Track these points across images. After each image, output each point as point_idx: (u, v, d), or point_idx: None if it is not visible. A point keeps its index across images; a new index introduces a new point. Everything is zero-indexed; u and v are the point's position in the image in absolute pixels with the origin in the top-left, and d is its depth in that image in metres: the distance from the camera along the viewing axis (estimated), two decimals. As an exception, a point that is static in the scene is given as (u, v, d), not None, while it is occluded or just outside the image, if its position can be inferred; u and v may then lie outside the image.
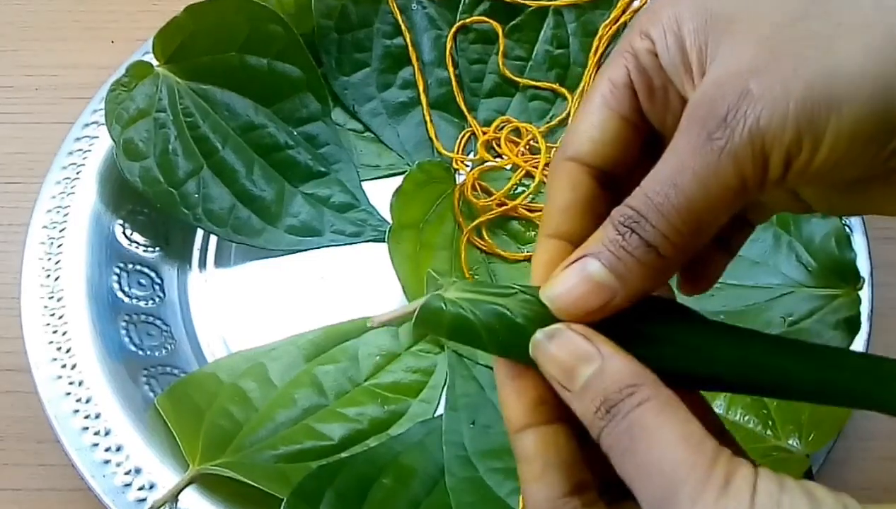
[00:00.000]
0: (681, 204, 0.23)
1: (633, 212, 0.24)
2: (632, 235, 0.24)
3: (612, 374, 0.23)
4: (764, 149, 0.22)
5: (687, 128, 0.23)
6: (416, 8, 0.56)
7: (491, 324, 0.25)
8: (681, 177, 0.23)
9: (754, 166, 0.22)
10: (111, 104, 0.50)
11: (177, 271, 0.52)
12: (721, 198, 0.23)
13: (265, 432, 0.45)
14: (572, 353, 0.23)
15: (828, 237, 0.44)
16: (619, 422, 0.22)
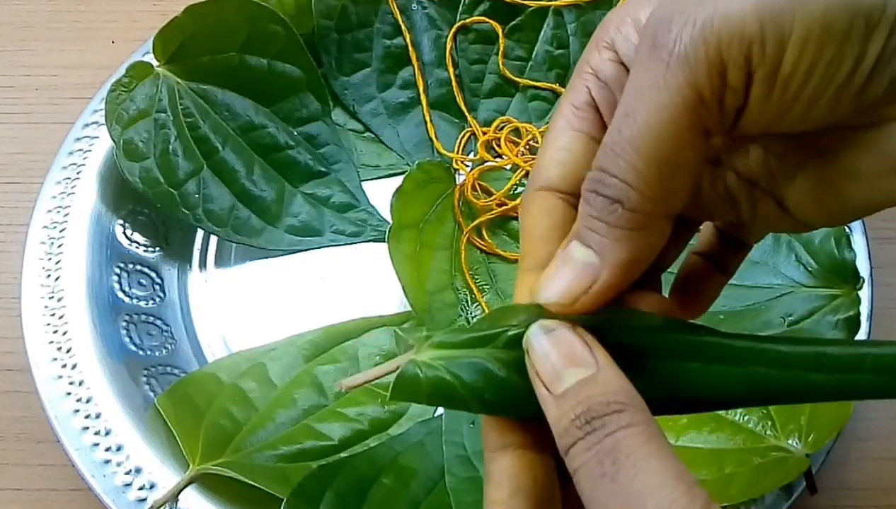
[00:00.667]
0: (635, 135, 0.21)
1: (595, 171, 0.22)
2: (596, 197, 0.22)
3: (602, 385, 0.21)
4: (720, 49, 0.20)
5: (637, 53, 0.21)
6: (416, 8, 0.56)
7: (474, 384, 0.22)
8: (631, 101, 0.21)
9: (709, 71, 0.20)
10: (111, 104, 0.50)
11: (177, 271, 0.52)
12: (678, 120, 0.20)
13: (265, 432, 0.45)
14: (566, 353, 0.22)
15: (828, 237, 0.44)
16: (602, 440, 0.20)
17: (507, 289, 0.49)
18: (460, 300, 0.49)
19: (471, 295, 0.49)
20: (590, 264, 0.22)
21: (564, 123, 0.25)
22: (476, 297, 0.49)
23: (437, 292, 0.48)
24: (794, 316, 0.43)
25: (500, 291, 0.49)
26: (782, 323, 0.43)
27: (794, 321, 0.43)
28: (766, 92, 0.20)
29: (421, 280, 0.48)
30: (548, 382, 0.22)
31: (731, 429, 0.42)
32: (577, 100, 0.25)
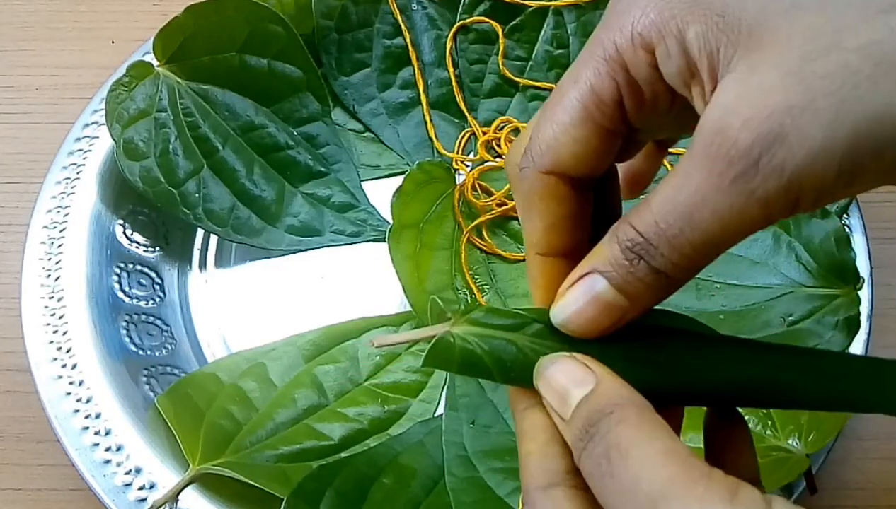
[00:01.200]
0: (696, 239, 0.22)
1: (643, 239, 0.23)
2: (640, 262, 0.23)
3: (599, 395, 0.22)
4: (800, 193, 0.21)
5: (706, 160, 0.21)
6: (416, 8, 0.56)
7: (502, 361, 0.25)
8: (699, 213, 0.22)
9: (785, 207, 0.21)
10: (111, 104, 0.50)
11: (177, 271, 0.52)
12: (741, 234, 0.22)
13: (265, 432, 0.45)
14: (569, 378, 0.23)
15: (827, 237, 0.44)
16: (597, 444, 0.21)
17: (507, 289, 0.49)
18: (460, 300, 0.49)
19: (471, 295, 0.49)
20: (617, 306, 0.24)
21: (585, 114, 0.25)
22: (476, 297, 0.49)
23: (437, 292, 0.48)
24: (794, 316, 0.43)
25: (500, 291, 0.49)
26: (782, 323, 0.43)
27: (794, 321, 0.43)
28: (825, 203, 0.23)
29: (421, 280, 0.48)
30: (559, 410, 0.23)
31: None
32: (602, 89, 0.24)
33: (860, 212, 0.47)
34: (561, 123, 0.25)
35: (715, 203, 0.21)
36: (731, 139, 0.21)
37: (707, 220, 0.22)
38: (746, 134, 0.21)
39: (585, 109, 0.24)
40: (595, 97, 0.24)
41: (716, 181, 0.21)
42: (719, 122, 0.21)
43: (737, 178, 0.21)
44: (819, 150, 0.20)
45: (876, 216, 0.51)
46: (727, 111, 0.21)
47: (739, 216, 0.21)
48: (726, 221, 0.21)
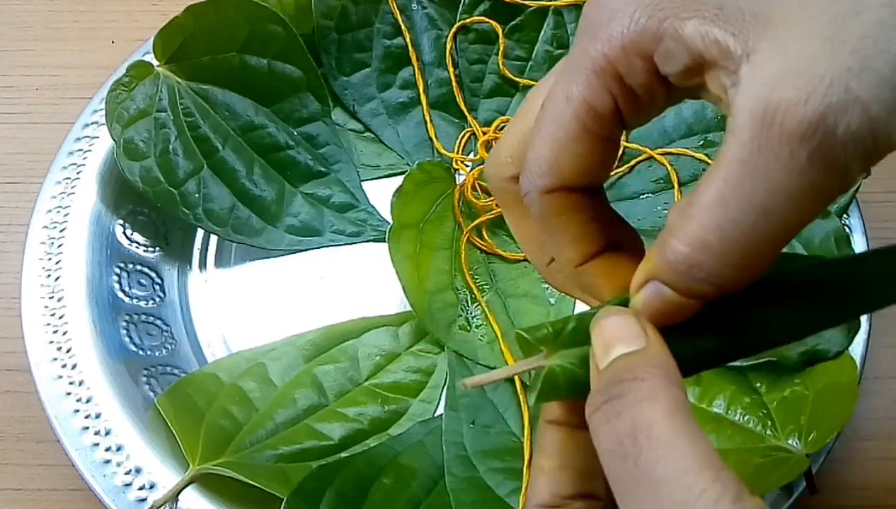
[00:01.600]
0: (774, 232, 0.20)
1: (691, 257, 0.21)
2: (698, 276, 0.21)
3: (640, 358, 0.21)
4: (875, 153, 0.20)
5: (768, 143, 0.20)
6: (416, 8, 0.56)
7: None
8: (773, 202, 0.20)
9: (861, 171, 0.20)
10: (111, 104, 0.50)
11: (177, 271, 0.52)
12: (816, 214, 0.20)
13: (265, 432, 0.45)
14: (620, 331, 0.22)
15: (827, 237, 0.44)
16: (621, 414, 0.20)
17: (507, 289, 0.49)
18: (460, 300, 0.49)
19: (471, 295, 0.49)
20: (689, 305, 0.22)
21: (580, 126, 0.23)
22: (476, 297, 0.49)
23: (437, 292, 0.48)
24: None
25: (500, 291, 0.49)
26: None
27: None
28: None
29: (421, 280, 0.48)
30: (598, 359, 0.22)
31: (731, 430, 0.42)
32: (597, 102, 0.23)
33: (860, 212, 0.47)
34: (558, 141, 0.24)
35: (791, 186, 0.20)
36: (797, 114, 0.19)
37: (783, 209, 0.20)
38: (815, 104, 0.19)
39: (583, 125, 0.23)
40: (591, 111, 0.23)
41: (788, 162, 0.19)
42: (769, 99, 0.20)
43: (814, 152, 0.19)
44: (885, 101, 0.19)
45: (876, 216, 0.51)
46: (775, 87, 0.19)
47: (819, 193, 0.20)
48: (805, 202, 0.20)
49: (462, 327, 0.48)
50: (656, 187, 0.51)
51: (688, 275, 0.21)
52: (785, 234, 0.20)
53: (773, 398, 0.42)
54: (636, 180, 0.51)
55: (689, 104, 0.51)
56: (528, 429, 0.44)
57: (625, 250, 0.25)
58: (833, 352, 0.42)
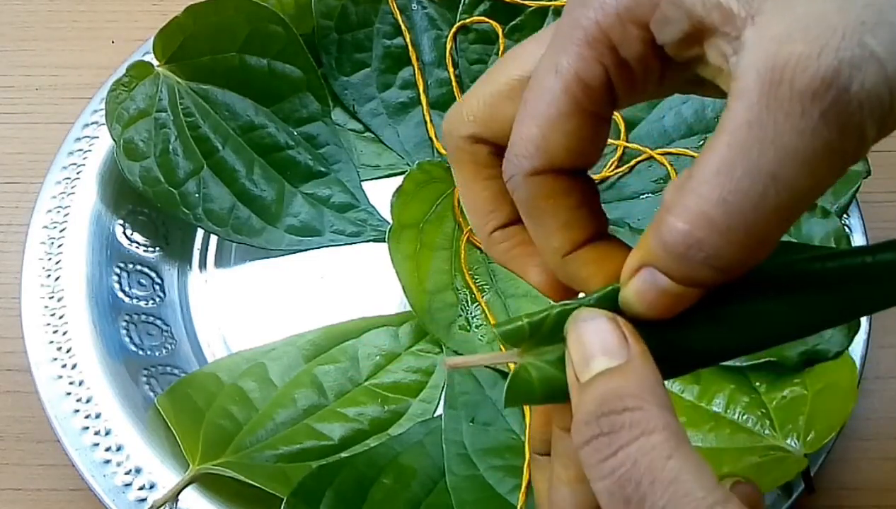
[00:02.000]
0: (784, 201, 0.19)
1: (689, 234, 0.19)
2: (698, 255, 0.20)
3: (624, 378, 0.20)
4: (892, 112, 0.18)
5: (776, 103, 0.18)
6: (416, 8, 0.56)
7: None
8: (784, 168, 0.18)
9: (879, 132, 0.19)
10: (111, 104, 0.50)
11: (177, 271, 0.52)
12: (832, 180, 0.19)
13: (265, 432, 0.45)
14: (600, 339, 0.21)
15: (827, 237, 0.44)
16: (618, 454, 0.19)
17: (507, 288, 0.49)
18: (460, 300, 0.49)
19: (471, 295, 0.49)
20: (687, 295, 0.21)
21: (571, 101, 0.22)
22: (476, 297, 0.49)
23: (437, 292, 0.48)
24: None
25: (500, 291, 0.49)
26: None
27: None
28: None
29: (421, 280, 0.48)
30: (577, 368, 0.21)
31: (729, 428, 0.42)
32: (589, 76, 0.22)
33: (860, 212, 0.47)
34: (547, 119, 0.22)
35: (803, 148, 0.18)
36: (808, 69, 0.18)
37: (795, 175, 0.18)
38: (828, 59, 0.18)
39: (573, 100, 0.22)
40: (582, 84, 0.22)
41: (799, 122, 0.18)
42: (777, 55, 0.18)
43: (828, 111, 0.18)
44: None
45: (876, 216, 0.51)
46: (784, 43, 0.18)
47: (833, 157, 0.18)
48: (818, 167, 0.18)
49: (462, 327, 0.48)
50: (656, 187, 0.51)
51: (686, 257, 0.19)
52: (796, 207, 0.19)
53: (773, 397, 0.42)
54: (636, 180, 0.51)
55: (689, 104, 0.51)
56: (529, 429, 0.44)
57: (615, 240, 0.24)
58: (833, 352, 0.42)
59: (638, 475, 0.19)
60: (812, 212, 0.45)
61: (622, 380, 0.20)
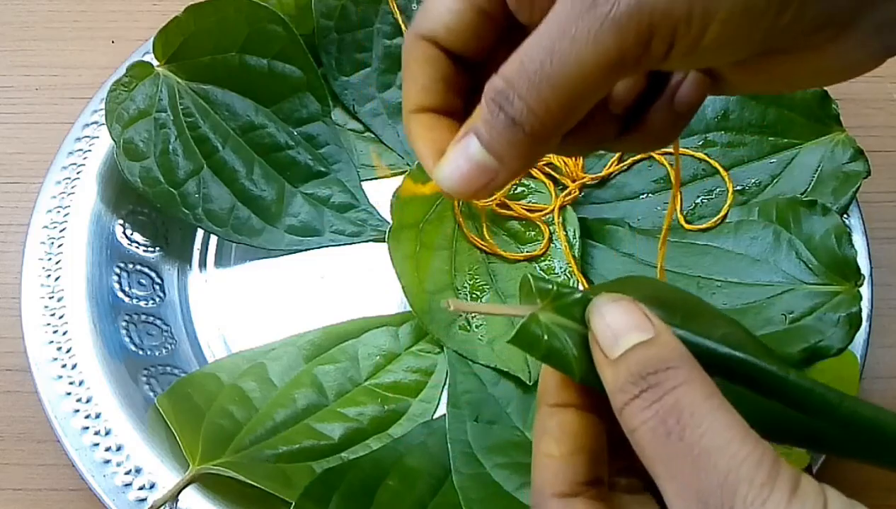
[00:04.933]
0: (555, 72, 0.22)
1: (503, 85, 0.23)
2: (499, 113, 0.23)
3: (659, 347, 0.22)
4: (651, 23, 0.22)
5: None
6: (417, 8, 0.56)
7: (583, 358, 0.24)
8: (559, 43, 0.22)
9: (637, 40, 0.22)
10: (111, 104, 0.50)
11: (177, 271, 0.52)
12: (596, 70, 0.22)
13: (265, 432, 0.44)
14: (626, 319, 0.22)
15: (828, 234, 0.44)
16: (661, 397, 0.21)
17: (507, 289, 0.49)
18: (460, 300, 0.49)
19: (471, 295, 0.49)
20: (487, 166, 0.24)
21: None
22: (476, 297, 0.49)
23: (437, 292, 0.48)
24: (795, 313, 0.43)
25: (501, 291, 0.49)
26: (783, 320, 0.43)
27: (795, 318, 0.43)
28: (686, 55, 0.23)
29: (421, 280, 0.48)
30: (605, 348, 0.22)
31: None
32: None
33: (860, 212, 0.47)
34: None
35: (573, 30, 0.22)
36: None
37: (566, 49, 0.22)
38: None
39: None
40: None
41: (576, 8, 0.22)
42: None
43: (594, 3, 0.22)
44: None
45: (876, 216, 0.51)
46: None
47: (594, 45, 0.22)
48: (582, 50, 0.22)
49: (462, 327, 0.48)
50: (656, 187, 0.51)
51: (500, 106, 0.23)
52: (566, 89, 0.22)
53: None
54: (636, 180, 0.51)
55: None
56: None
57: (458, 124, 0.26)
58: (834, 348, 0.42)
59: (679, 410, 0.20)
60: (812, 209, 0.45)
61: (658, 348, 0.22)
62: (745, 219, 0.47)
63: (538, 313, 0.24)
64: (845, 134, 0.47)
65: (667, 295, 0.24)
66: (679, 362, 0.21)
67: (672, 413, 0.20)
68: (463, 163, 0.24)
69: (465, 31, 0.26)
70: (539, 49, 0.23)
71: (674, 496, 0.20)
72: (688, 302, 0.24)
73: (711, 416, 0.20)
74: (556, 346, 0.23)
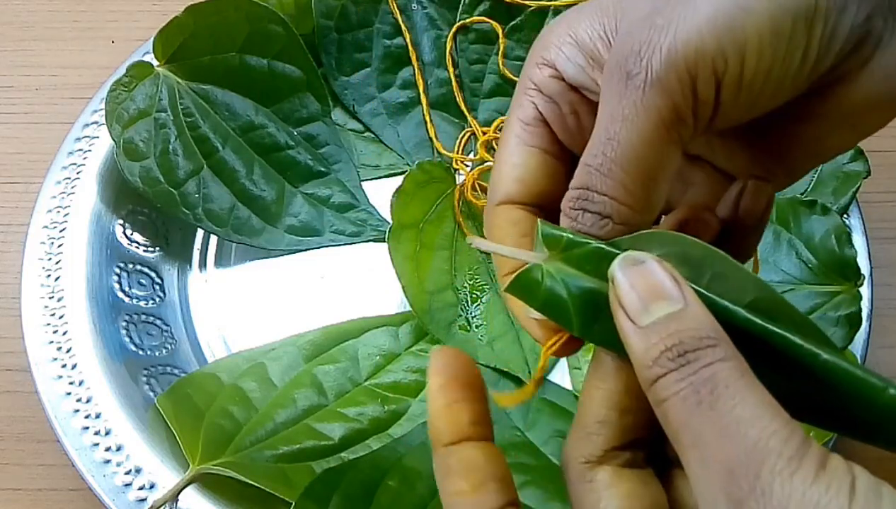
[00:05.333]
0: (620, 154, 0.23)
1: (577, 189, 0.24)
2: (584, 215, 0.24)
3: (691, 321, 0.21)
4: (688, 69, 0.22)
5: (607, 82, 0.23)
6: (416, 8, 0.56)
7: (584, 311, 0.23)
8: (613, 129, 0.23)
9: (682, 90, 0.22)
10: (111, 104, 0.50)
11: (177, 271, 0.52)
12: (659, 136, 0.22)
13: (265, 432, 0.44)
14: (654, 286, 0.22)
15: (828, 234, 0.44)
16: (699, 371, 0.20)
17: (507, 288, 0.49)
18: (460, 300, 0.49)
19: (471, 295, 0.49)
20: None
21: (516, 140, 0.27)
22: (476, 297, 0.49)
23: (437, 292, 0.48)
24: (795, 313, 0.43)
25: (501, 291, 0.49)
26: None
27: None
28: (735, 95, 0.23)
29: (421, 280, 0.48)
30: (632, 314, 0.22)
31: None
32: (525, 116, 0.27)
33: (860, 212, 0.47)
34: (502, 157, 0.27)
35: (622, 110, 0.22)
36: (618, 53, 0.23)
37: (623, 132, 0.23)
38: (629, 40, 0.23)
39: (516, 136, 0.27)
40: (522, 124, 0.27)
41: (616, 90, 0.23)
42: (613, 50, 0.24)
43: (628, 75, 0.22)
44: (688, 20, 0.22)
45: (876, 216, 0.51)
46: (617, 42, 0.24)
47: (646, 113, 0.22)
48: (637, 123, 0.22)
49: (462, 327, 0.48)
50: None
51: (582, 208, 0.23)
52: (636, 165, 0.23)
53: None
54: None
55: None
56: None
57: None
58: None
59: (714, 382, 0.20)
60: (812, 209, 0.45)
61: (692, 322, 0.21)
62: (745, 219, 0.47)
63: (543, 262, 0.23)
64: (845, 134, 0.47)
65: (694, 252, 0.23)
66: (716, 340, 0.21)
67: (706, 384, 0.20)
68: None
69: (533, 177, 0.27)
70: (598, 145, 0.23)
71: (698, 465, 0.20)
72: (716, 260, 0.23)
73: (746, 391, 0.20)
74: (556, 294, 0.23)
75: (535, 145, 0.27)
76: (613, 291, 0.22)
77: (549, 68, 0.26)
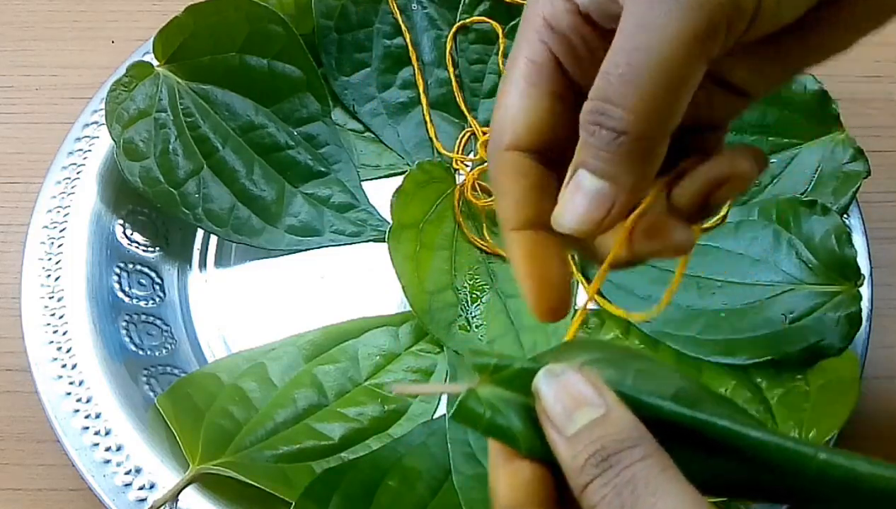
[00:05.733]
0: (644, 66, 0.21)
1: (594, 102, 0.22)
2: (600, 131, 0.22)
3: (612, 425, 0.22)
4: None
5: None
6: (416, 8, 0.56)
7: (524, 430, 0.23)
8: (639, 38, 0.21)
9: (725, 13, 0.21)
10: (111, 104, 0.50)
11: (177, 271, 0.52)
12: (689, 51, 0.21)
13: (265, 432, 0.44)
14: (575, 395, 0.22)
15: (828, 234, 0.44)
16: (621, 473, 0.21)
17: (507, 289, 0.49)
18: (460, 300, 0.49)
19: (471, 295, 0.49)
20: (604, 192, 0.23)
21: (525, 80, 0.25)
22: (476, 297, 0.49)
23: (437, 292, 0.48)
24: (795, 313, 0.43)
25: (500, 291, 0.49)
26: (783, 320, 0.43)
27: (795, 318, 0.43)
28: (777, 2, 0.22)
29: (421, 280, 0.48)
30: (559, 424, 0.22)
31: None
32: (533, 54, 0.25)
33: (860, 212, 0.47)
34: (510, 99, 0.25)
35: (651, 19, 0.21)
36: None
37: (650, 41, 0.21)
38: None
39: (525, 78, 0.25)
40: (532, 65, 0.25)
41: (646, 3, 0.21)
42: None
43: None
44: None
45: (876, 216, 0.51)
46: None
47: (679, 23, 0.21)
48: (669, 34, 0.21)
49: (462, 327, 0.48)
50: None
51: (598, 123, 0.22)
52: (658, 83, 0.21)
53: (774, 393, 0.43)
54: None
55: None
56: None
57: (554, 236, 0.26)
58: (834, 348, 0.42)
59: (633, 483, 0.20)
60: (812, 209, 0.45)
61: (612, 427, 0.21)
62: (745, 219, 0.47)
63: (476, 388, 0.23)
64: (845, 134, 0.47)
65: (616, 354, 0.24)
66: (636, 440, 0.21)
67: (627, 486, 0.20)
68: (579, 200, 0.23)
69: (545, 123, 0.25)
70: (620, 53, 0.22)
71: None
72: (638, 359, 0.24)
73: (665, 487, 0.20)
74: (498, 422, 0.23)
75: (548, 88, 0.25)
76: (539, 405, 0.23)
77: (566, 2, 0.25)
